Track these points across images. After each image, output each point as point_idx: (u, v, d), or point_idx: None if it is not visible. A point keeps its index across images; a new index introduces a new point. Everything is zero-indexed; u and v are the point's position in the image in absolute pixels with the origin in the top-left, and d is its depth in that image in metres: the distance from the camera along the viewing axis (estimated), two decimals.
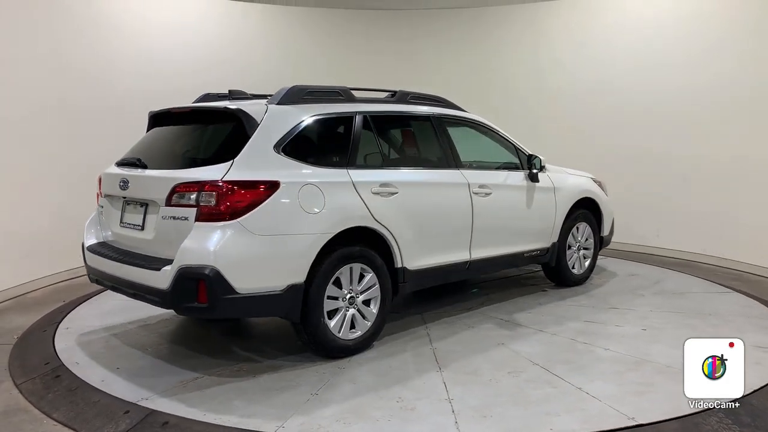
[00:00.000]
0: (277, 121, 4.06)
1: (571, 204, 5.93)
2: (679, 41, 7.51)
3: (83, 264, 4.57)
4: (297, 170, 4.00)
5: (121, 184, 4.23)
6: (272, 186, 3.83)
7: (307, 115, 4.20)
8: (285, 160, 3.99)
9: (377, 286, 4.38)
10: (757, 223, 6.82)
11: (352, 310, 4.26)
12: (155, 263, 3.83)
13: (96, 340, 4.66)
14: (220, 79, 7.19)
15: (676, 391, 3.62)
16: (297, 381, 3.85)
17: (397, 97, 4.96)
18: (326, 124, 4.35)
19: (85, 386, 3.77)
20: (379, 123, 4.68)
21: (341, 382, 3.84)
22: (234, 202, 3.69)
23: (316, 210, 3.98)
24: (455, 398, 3.58)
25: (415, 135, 5.17)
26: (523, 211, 5.49)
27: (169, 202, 3.83)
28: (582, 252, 6.20)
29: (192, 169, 3.88)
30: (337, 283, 4.17)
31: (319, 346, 4.14)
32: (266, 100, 4.23)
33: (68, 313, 5.31)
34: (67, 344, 4.56)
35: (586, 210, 6.18)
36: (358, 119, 4.47)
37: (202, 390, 3.74)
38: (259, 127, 3.96)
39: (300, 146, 4.14)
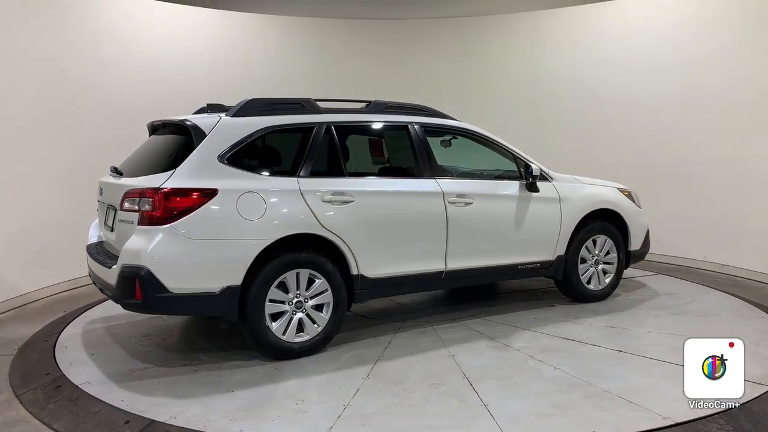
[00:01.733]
0: (225, 133, 4.31)
1: (582, 215, 5.61)
2: (680, 46, 7.51)
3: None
4: (240, 179, 4.23)
5: (100, 190, 4.72)
6: (209, 193, 4.09)
7: (258, 127, 4.41)
8: (229, 169, 4.23)
9: (329, 291, 4.48)
10: (758, 228, 6.79)
11: (300, 315, 4.40)
12: (112, 262, 4.24)
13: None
14: (219, 88, 7.49)
15: (589, 417, 3.41)
16: (228, 378, 4.06)
17: (370, 107, 5.03)
18: (279, 135, 4.53)
19: (85, 396, 3.78)
20: (342, 133, 4.78)
21: (265, 382, 4.00)
22: (169, 207, 4.00)
23: (256, 217, 4.18)
24: (353, 405, 3.61)
25: (386, 144, 5.20)
26: (516, 222, 5.28)
27: (122, 207, 4.23)
28: (601, 267, 5.82)
29: (142, 177, 4.25)
30: (285, 287, 4.34)
31: (261, 347, 4.33)
32: (225, 113, 4.51)
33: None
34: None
35: (607, 222, 5.80)
36: (317, 130, 4.61)
37: (141, 379, 4.08)
38: (205, 139, 4.25)
39: (248, 156, 4.38)
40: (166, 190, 4.02)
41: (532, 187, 5.35)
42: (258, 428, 3.36)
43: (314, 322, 4.46)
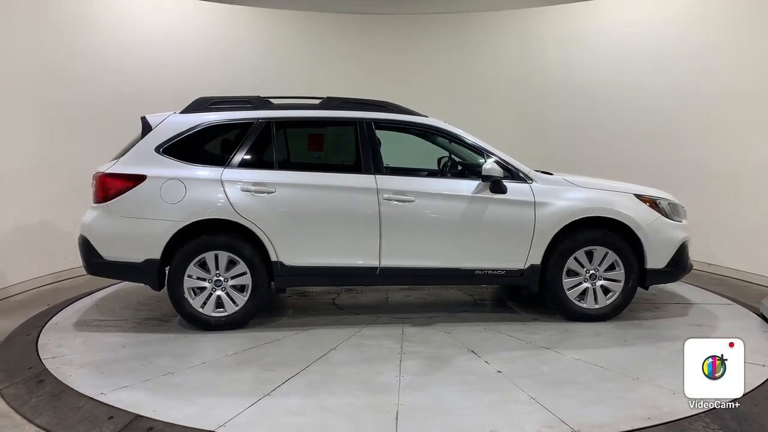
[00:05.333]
0: (168, 128, 4.97)
1: (567, 222, 4.97)
2: (673, 43, 7.51)
3: None
4: (169, 167, 4.85)
5: None
6: (138, 179, 4.82)
7: (197, 123, 4.97)
8: (163, 159, 4.89)
9: (248, 274, 4.87)
10: (743, 227, 6.88)
11: (219, 292, 4.88)
12: None
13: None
14: (207, 80, 7.62)
15: (324, 422, 3.33)
16: (145, 338, 4.71)
17: (321, 103, 5.20)
18: (216, 129, 5.01)
19: (68, 391, 3.74)
20: (282, 128, 5.08)
21: (157, 344, 4.57)
22: (106, 189, 4.84)
23: (176, 201, 4.78)
24: (176, 373, 4.00)
25: (327, 139, 5.28)
26: (469, 224, 4.95)
27: (92, 188, 5.18)
28: (601, 283, 5.08)
29: (105, 164, 5.14)
30: (206, 266, 4.87)
31: (181, 316, 4.93)
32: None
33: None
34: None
35: (609, 232, 5.05)
36: (254, 125, 4.99)
37: (71, 330, 4.96)
38: (150, 132, 4.98)
39: (183, 148, 4.94)
40: (105, 174, 4.86)
41: (497, 188, 4.95)
42: (87, 375, 3.98)
43: (233, 301, 4.89)
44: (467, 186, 5.01)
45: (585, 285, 5.09)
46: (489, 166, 4.91)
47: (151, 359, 4.26)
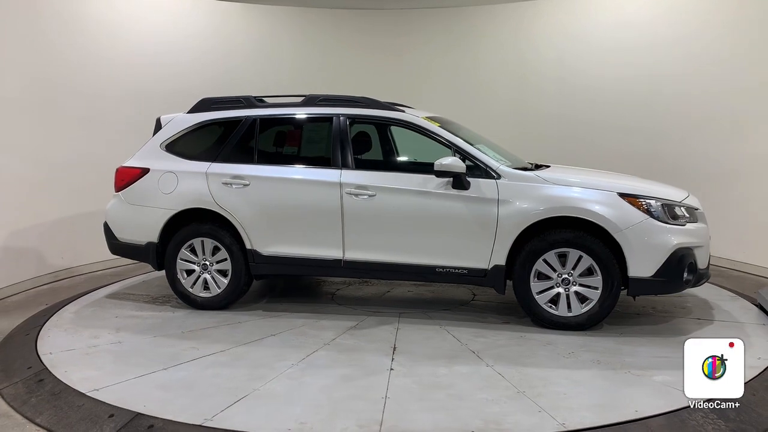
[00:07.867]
0: (173, 126, 5.59)
1: (532, 221, 4.62)
2: (669, 37, 7.45)
3: None
4: (168, 161, 5.47)
5: None
6: (144, 172, 5.50)
7: (195, 122, 5.52)
8: (165, 154, 5.52)
9: (228, 260, 5.31)
10: (740, 219, 6.88)
11: (206, 275, 5.39)
12: None
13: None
14: (204, 79, 7.67)
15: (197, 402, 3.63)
16: (137, 310, 5.42)
17: (303, 100, 5.41)
18: (210, 127, 5.50)
19: (68, 390, 3.73)
20: (265, 125, 5.42)
21: (143, 315, 5.26)
22: (120, 180, 5.60)
23: (169, 191, 5.38)
24: (122, 342, 4.59)
25: (303, 135, 5.43)
26: (428, 220, 4.85)
27: None
28: (576, 289, 4.65)
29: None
30: (195, 251, 5.40)
31: (175, 293, 5.51)
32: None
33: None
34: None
35: (583, 234, 4.60)
36: (244, 122, 5.40)
37: (99, 298, 5.80)
38: (160, 131, 5.63)
39: (182, 144, 5.54)
40: (121, 167, 5.62)
41: (458, 183, 4.79)
42: (58, 336, 4.73)
43: (217, 284, 5.36)
44: (430, 181, 4.89)
45: (557, 290, 4.70)
46: (447, 161, 4.75)
47: (122, 329, 4.89)
